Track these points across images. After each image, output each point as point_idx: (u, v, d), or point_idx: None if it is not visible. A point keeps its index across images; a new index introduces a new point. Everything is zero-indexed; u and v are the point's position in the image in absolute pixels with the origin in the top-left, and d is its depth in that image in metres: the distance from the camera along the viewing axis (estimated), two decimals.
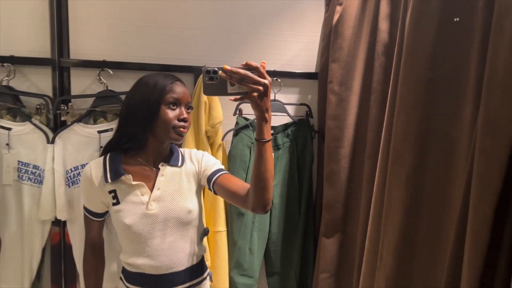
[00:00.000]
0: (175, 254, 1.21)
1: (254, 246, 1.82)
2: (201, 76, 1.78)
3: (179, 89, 1.19)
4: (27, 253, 1.74)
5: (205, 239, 1.72)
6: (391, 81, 1.23)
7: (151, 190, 1.21)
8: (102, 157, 1.25)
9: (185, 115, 1.19)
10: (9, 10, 1.71)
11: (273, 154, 1.08)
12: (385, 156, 1.19)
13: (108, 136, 1.70)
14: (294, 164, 1.87)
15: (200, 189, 1.31)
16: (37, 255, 1.76)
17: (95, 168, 1.23)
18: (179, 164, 1.26)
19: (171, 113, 1.17)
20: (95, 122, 1.74)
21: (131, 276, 1.24)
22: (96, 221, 1.29)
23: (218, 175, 1.23)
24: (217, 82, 0.99)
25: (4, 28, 1.71)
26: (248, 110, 1.86)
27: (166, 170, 1.24)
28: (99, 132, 1.72)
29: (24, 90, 1.74)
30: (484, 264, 0.81)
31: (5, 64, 1.68)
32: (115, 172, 1.20)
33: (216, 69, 0.99)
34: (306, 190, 1.87)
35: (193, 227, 1.25)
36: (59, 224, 1.77)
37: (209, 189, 1.25)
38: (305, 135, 1.88)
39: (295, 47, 1.91)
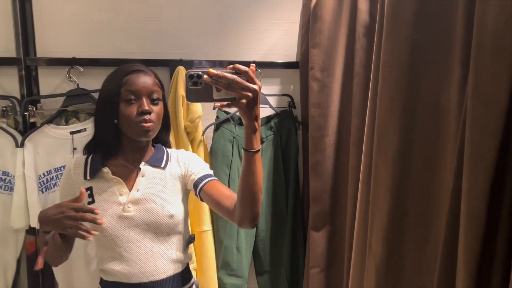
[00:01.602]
0: (155, 260, 1.12)
1: (241, 245, 1.75)
2: (177, 69, 1.72)
3: (136, 80, 1.09)
4: (0, 264, 1.63)
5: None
6: (373, 61, 1.17)
7: (130, 191, 1.13)
8: (85, 156, 1.19)
9: (145, 107, 1.08)
10: None
11: (262, 164, 1.00)
12: (370, 139, 1.13)
13: (81, 137, 1.62)
14: (279, 157, 1.80)
15: (186, 194, 1.21)
16: (11, 266, 1.66)
17: (76, 163, 1.17)
18: (162, 165, 1.17)
19: (130, 108, 1.08)
20: (67, 123, 1.65)
21: (107, 286, 1.15)
22: None
23: (205, 181, 1.14)
24: (202, 87, 0.90)
25: None
26: None
27: (147, 171, 1.16)
28: (72, 133, 1.62)
29: None
30: (482, 244, 0.75)
31: None
32: (94, 169, 1.14)
33: (200, 73, 0.89)
34: (293, 183, 1.81)
35: (176, 233, 1.15)
36: (34, 233, 1.67)
37: (196, 195, 1.16)
38: (289, 126, 1.81)
39: (274, 36, 1.84)
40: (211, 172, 1.19)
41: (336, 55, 1.52)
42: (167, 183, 1.16)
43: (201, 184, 1.13)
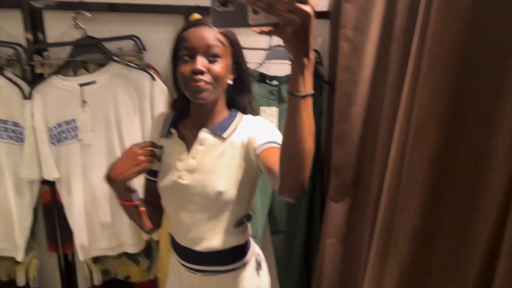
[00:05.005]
0: (202, 233, 1.06)
1: (256, 206, 1.70)
2: (191, 17, 1.54)
3: (193, 35, 0.96)
4: (16, 212, 1.64)
5: None
6: (417, 31, 0.99)
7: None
8: (168, 112, 1.15)
9: (197, 66, 0.93)
10: None
11: (311, 118, 0.75)
12: (405, 123, 0.99)
13: (91, 90, 1.53)
14: None
15: (250, 170, 1.03)
16: (28, 215, 1.67)
17: (158, 119, 1.16)
18: (224, 134, 1.03)
19: (185, 67, 0.96)
20: (75, 74, 1.55)
21: (172, 243, 1.16)
22: (152, 182, 1.14)
23: (264, 147, 0.93)
24: (233, 9, 0.68)
25: None
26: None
27: (206, 139, 1.04)
28: (81, 85, 1.53)
29: None
30: None
31: None
32: (167, 129, 1.10)
33: None
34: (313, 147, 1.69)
35: (225, 211, 1.04)
36: (49, 183, 1.65)
37: (258, 166, 0.99)
38: (313, 85, 1.65)
39: None
40: (278, 139, 0.94)
41: (372, 13, 1.31)
42: (225, 156, 1.03)
43: (259, 150, 0.94)
